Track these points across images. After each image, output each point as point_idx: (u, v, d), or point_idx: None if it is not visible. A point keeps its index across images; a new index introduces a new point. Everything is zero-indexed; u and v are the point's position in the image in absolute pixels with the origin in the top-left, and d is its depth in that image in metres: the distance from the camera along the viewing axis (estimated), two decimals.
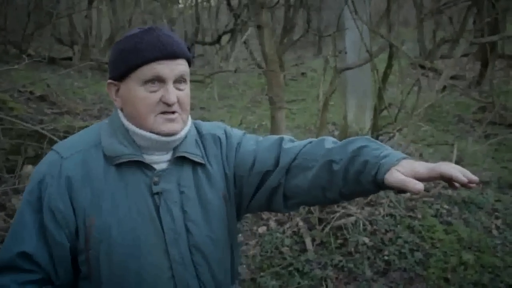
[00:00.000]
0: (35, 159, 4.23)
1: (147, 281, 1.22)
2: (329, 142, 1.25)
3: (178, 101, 1.23)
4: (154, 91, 1.20)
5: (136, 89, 1.21)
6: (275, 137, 1.37)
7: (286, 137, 1.36)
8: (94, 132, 1.29)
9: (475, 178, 1.01)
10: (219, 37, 10.74)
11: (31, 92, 5.60)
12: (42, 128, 3.50)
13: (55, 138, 3.16)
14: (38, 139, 4.07)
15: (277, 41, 8.46)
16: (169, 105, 1.21)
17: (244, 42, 7.92)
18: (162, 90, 1.21)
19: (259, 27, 4.39)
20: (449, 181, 1.03)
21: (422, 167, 1.05)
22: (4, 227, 3.13)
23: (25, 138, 4.01)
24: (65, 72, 5.32)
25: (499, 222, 3.88)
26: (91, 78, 8.30)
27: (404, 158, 1.09)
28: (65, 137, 3.97)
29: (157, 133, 1.22)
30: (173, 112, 1.22)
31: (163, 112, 1.22)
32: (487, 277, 3.27)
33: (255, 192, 1.33)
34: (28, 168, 4.06)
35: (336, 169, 1.17)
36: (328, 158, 1.20)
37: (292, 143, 1.32)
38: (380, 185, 1.10)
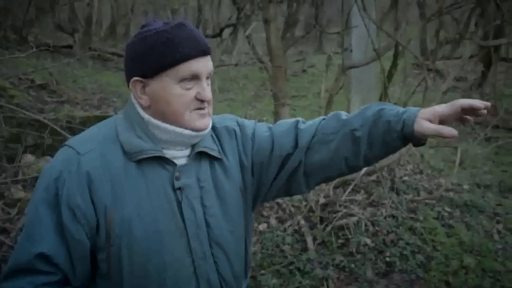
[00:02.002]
0: (34, 148, 4.17)
1: (169, 276, 1.20)
2: (343, 114, 1.31)
3: None
4: (189, 88, 1.20)
5: (171, 87, 1.19)
6: (289, 120, 1.39)
7: (300, 119, 1.39)
8: (109, 127, 1.26)
9: (488, 103, 1.13)
10: (221, 30, 10.65)
11: (31, 80, 5.53)
12: (44, 118, 3.45)
13: (57, 128, 3.11)
14: (38, 128, 4.02)
15: (279, 36, 8.41)
16: (203, 101, 1.21)
17: (247, 36, 7.87)
18: (197, 87, 1.21)
19: (266, 21, 4.35)
20: (468, 112, 1.13)
21: (442, 107, 1.14)
22: (4, 218, 3.09)
23: (25, 127, 3.95)
24: (67, 61, 5.25)
25: (500, 226, 3.88)
26: (92, 67, 8.23)
27: (421, 109, 1.18)
28: (67, 127, 3.88)
29: (191, 129, 1.22)
30: (204, 108, 1.23)
31: (197, 109, 1.22)
32: (488, 282, 3.27)
33: (275, 176, 1.35)
34: (28, 157, 4.00)
35: (359, 135, 1.23)
36: (349, 127, 1.25)
37: (305, 123, 1.36)
38: (408, 138, 1.19)
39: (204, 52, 1.20)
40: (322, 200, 3.89)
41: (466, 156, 5.37)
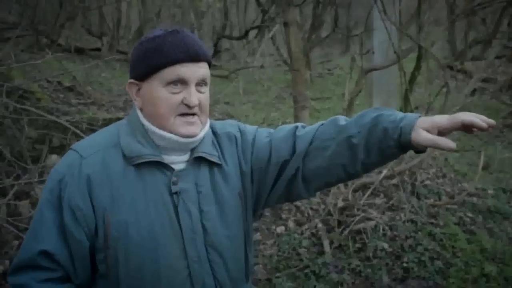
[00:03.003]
0: (60, 149, 4.30)
1: (164, 279, 1.23)
2: (342, 119, 1.29)
3: (199, 104, 1.24)
4: (176, 93, 1.22)
5: (158, 90, 1.22)
6: (289, 126, 1.39)
7: (299, 124, 1.38)
8: (113, 132, 1.31)
9: (492, 121, 1.09)
10: (247, 32, 10.72)
11: (59, 83, 5.69)
12: (67, 120, 3.55)
13: (76, 130, 3.20)
14: (63, 129, 4.14)
15: (305, 38, 8.40)
16: (190, 107, 1.22)
17: (271, 38, 7.89)
18: (184, 92, 1.22)
19: (285, 24, 4.35)
20: (469, 128, 1.09)
21: (443, 119, 1.11)
22: (29, 216, 3.19)
23: (50, 128, 4.08)
24: (93, 63, 5.39)
25: None
26: (119, 70, 8.40)
27: (419, 117, 1.15)
28: (90, 129, 3.98)
29: (176, 134, 1.24)
30: (193, 115, 1.24)
31: (183, 114, 1.23)
32: None
33: (274, 183, 1.35)
34: (53, 158, 4.13)
35: (356, 143, 1.21)
36: (346, 134, 1.23)
37: (304, 129, 1.35)
38: (404, 147, 1.17)
39: (192, 58, 1.22)
40: (340, 204, 3.86)
41: (493, 160, 5.23)
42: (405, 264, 3.33)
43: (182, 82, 1.22)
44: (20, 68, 4.89)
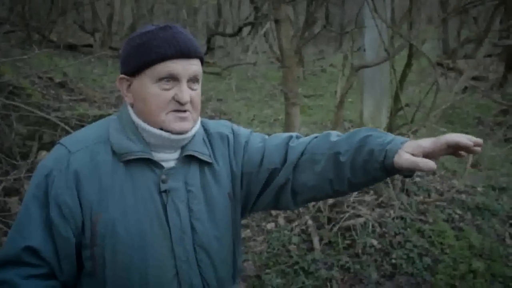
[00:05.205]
0: (51, 146, 4.29)
1: (151, 278, 1.22)
2: (334, 135, 1.29)
3: (191, 101, 1.23)
4: (167, 89, 1.21)
5: (149, 86, 1.21)
6: (284, 135, 1.38)
7: (294, 134, 1.38)
8: (103, 127, 1.29)
9: (479, 140, 1.06)
10: (240, 29, 10.71)
11: (50, 79, 5.66)
12: (57, 117, 3.54)
13: (65, 127, 3.19)
14: (54, 125, 4.12)
15: (298, 35, 8.40)
16: (181, 104, 1.21)
17: (264, 35, 7.88)
18: (176, 88, 1.21)
19: (276, 21, 4.35)
20: (455, 149, 1.07)
21: (427, 141, 1.10)
22: (17, 211, 3.18)
23: (41, 125, 4.06)
24: (85, 59, 5.37)
25: None
26: (111, 66, 8.37)
27: (407, 141, 1.13)
28: (81, 126, 3.99)
29: (168, 131, 1.23)
30: (185, 111, 1.23)
31: (175, 110, 1.22)
32: (497, 287, 3.21)
33: (262, 190, 1.35)
34: (43, 154, 4.11)
35: (343, 160, 1.21)
36: (334, 150, 1.23)
37: (298, 140, 1.35)
38: (389, 170, 1.15)
39: (183, 54, 1.21)
40: (330, 200, 3.88)
41: (483, 158, 5.26)
42: (393, 261, 3.35)
43: (173, 78, 1.21)
44: (11, 64, 4.85)
